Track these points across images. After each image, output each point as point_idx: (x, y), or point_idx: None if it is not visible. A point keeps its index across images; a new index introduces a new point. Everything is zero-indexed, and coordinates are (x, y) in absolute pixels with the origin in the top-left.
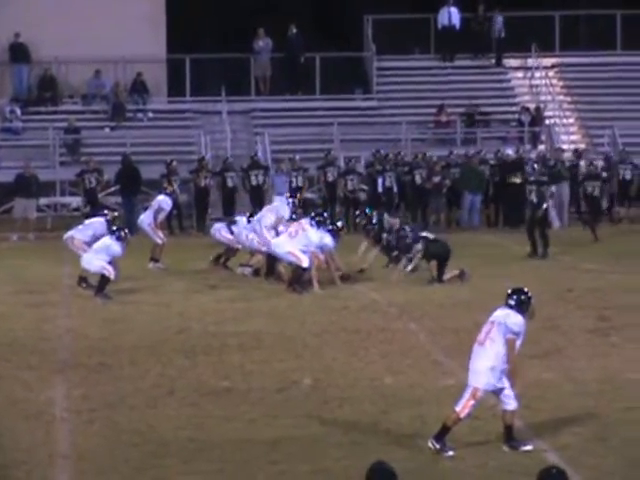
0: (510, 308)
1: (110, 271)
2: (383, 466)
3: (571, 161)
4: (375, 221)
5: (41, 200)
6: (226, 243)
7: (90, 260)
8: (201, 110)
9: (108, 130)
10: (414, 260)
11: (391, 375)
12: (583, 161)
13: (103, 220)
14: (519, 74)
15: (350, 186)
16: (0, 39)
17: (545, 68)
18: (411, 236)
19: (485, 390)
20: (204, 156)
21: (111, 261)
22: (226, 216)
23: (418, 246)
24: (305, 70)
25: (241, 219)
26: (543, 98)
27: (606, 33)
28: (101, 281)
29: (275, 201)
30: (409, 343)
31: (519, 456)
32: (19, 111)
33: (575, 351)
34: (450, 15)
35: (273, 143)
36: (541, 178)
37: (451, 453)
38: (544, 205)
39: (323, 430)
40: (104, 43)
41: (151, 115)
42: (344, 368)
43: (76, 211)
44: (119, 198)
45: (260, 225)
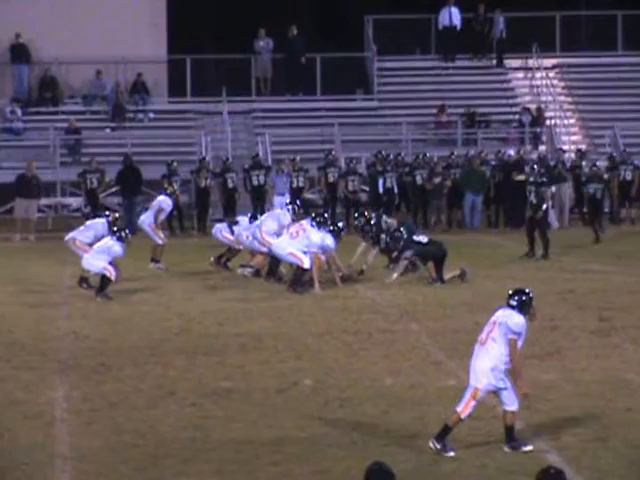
0: (511, 308)
1: (111, 272)
2: (381, 467)
3: (574, 162)
4: (373, 222)
5: (42, 201)
6: (227, 244)
7: (91, 261)
8: (202, 110)
9: (109, 131)
10: (400, 266)
11: (392, 376)
12: (584, 162)
13: (104, 221)
14: (520, 75)
15: (351, 187)
16: (1, 39)
17: (546, 69)
18: (403, 241)
19: (486, 390)
20: (205, 157)
21: (112, 262)
22: (227, 217)
23: (407, 253)
24: (306, 70)
25: (243, 219)
26: (544, 99)
27: (607, 34)
28: (102, 282)
29: (276, 201)
30: (410, 344)
31: (520, 457)
32: (20, 111)
33: (576, 352)
34: (451, 15)
35: (274, 144)
36: (540, 179)
37: (452, 454)
38: (543, 206)
39: (324, 431)
40: (105, 43)
41: (152, 116)
42: (345, 369)
43: (76, 212)
44: (120, 198)
45: (260, 231)
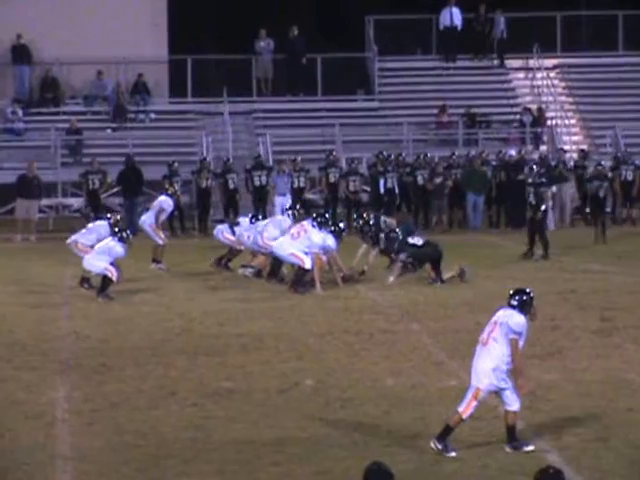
0: (512, 308)
1: (112, 272)
2: (380, 467)
3: (577, 162)
4: (372, 223)
5: (43, 201)
6: (229, 244)
7: (92, 261)
8: (203, 111)
9: (110, 131)
10: (395, 269)
11: (393, 376)
12: (587, 162)
13: (106, 224)
14: (521, 75)
15: (352, 187)
16: (2, 40)
17: (547, 69)
18: (398, 243)
19: (488, 391)
20: (205, 157)
21: (113, 262)
22: (228, 217)
23: (402, 256)
24: (307, 71)
25: (243, 220)
26: (545, 99)
27: (608, 34)
28: (103, 282)
29: (277, 202)
30: (411, 344)
31: (521, 457)
32: (21, 112)
33: (577, 352)
34: (452, 16)
35: (275, 144)
36: (539, 179)
37: (453, 454)
38: (542, 206)
39: (325, 431)
40: (106, 44)
41: (153, 116)
42: (346, 369)
43: (77, 212)
44: (121, 199)
45: (262, 237)
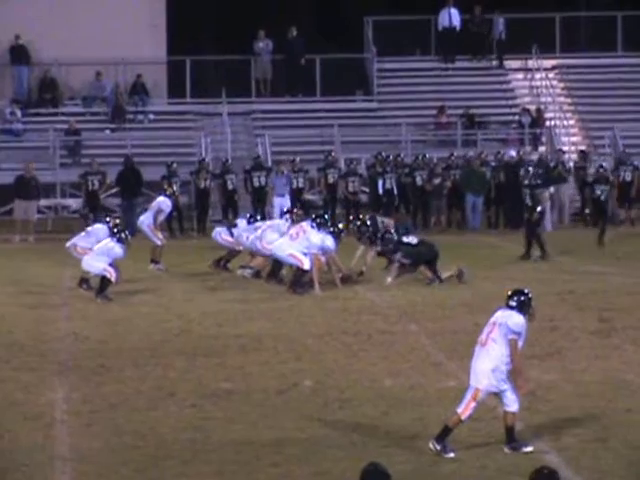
0: (511, 309)
1: (111, 273)
2: (377, 467)
3: (577, 163)
4: (369, 223)
5: (41, 202)
6: (227, 246)
7: (91, 262)
8: (201, 112)
9: (108, 132)
10: (392, 270)
11: (391, 377)
12: (587, 163)
13: (105, 227)
14: (519, 75)
15: (351, 188)
16: (0, 41)
17: (546, 70)
18: (393, 244)
19: (487, 392)
20: (204, 158)
21: (112, 263)
22: (226, 218)
23: (397, 255)
24: (306, 72)
25: (241, 221)
26: (543, 99)
27: (607, 34)
28: (102, 283)
29: (275, 203)
30: (409, 345)
31: (520, 458)
32: (19, 113)
33: (576, 352)
34: (450, 16)
35: (273, 145)
36: (535, 181)
37: (452, 455)
38: (538, 208)
39: (323, 432)
40: (104, 45)
41: (151, 117)
42: (344, 370)
43: (75, 213)
44: (120, 199)
45: (262, 242)
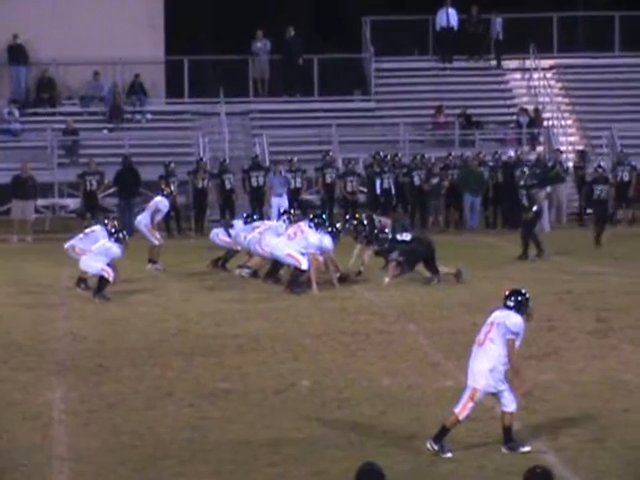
0: (509, 309)
1: (109, 273)
2: (372, 467)
3: (576, 163)
4: (366, 223)
5: (39, 201)
6: (225, 246)
7: (89, 262)
8: (199, 111)
9: (106, 132)
10: (389, 269)
11: (389, 377)
12: (586, 163)
13: (103, 229)
14: (517, 75)
15: (349, 188)
16: None
17: (543, 69)
18: (388, 243)
19: (484, 391)
20: (202, 157)
21: (110, 263)
22: (224, 218)
23: (394, 255)
24: (303, 71)
25: (238, 222)
26: (541, 99)
27: (604, 34)
28: (100, 283)
29: (273, 202)
30: (407, 345)
31: (517, 458)
32: (17, 112)
33: (573, 352)
34: (448, 16)
35: (271, 144)
36: (530, 182)
37: (449, 455)
38: (534, 207)
39: (321, 432)
40: (102, 44)
41: (149, 117)
42: (342, 370)
43: (73, 213)
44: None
45: (261, 246)
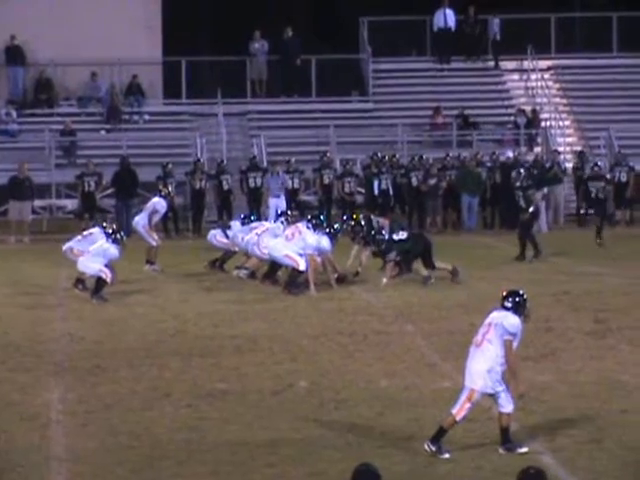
0: (506, 310)
1: (107, 274)
2: (368, 468)
3: (576, 163)
4: (364, 224)
5: (36, 202)
6: (223, 247)
7: (87, 263)
8: (197, 112)
9: (104, 132)
10: (387, 270)
11: (387, 377)
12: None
13: (101, 232)
14: (515, 76)
15: (347, 188)
16: None
17: (541, 70)
18: (385, 244)
19: (482, 392)
20: (199, 158)
21: (108, 264)
22: (222, 219)
23: (391, 255)
24: (301, 72)
25: (235, 223)
26: (539, 100)
27: (602, 35)
28: (97, 283)
29: (270, 203)
30: (405, 345)
31: (515, 458)
32: (15, 113)
33: (571, 353)
34: (446, 17)
35: (269, 145)
36: (526, 183)
37: (447, 455)
38: (530, 209)
39: (319, 433)
40: (100, 45)
41: (147, 117)
42: (340, 371)
43: (70, 214)
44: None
45: (259, 248)
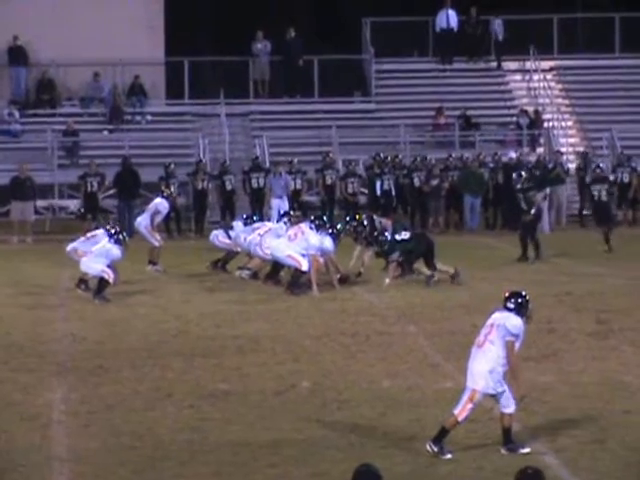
0: (508, 311)
1: (109, 274)
2: (369, 468)
3: (579, 164)
4: (366, 224)
5: (39, 202)
6: (225, 248)
7: (89, 264)
8: (199, 113)
9: (106, 133)
10: (390, 270)
11: (389, 378)
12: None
13: (105, 233)
14: (517, 77)
15: (351, 189)
16: None
17: (543, 71)
18: (388, 244)
19: (484, 393)
20: (201, 159)
21: (110, 265)
22: (224, 219)
23: (394, 255)
24: (304, 73)
25: (237, 223)
26: (541, 101)
27: (604, 36)
28: (100, 284)
29: (273, 204)
30: (407, 346)
31: (517, 459)
32: (17, 114)
33: (573, 354)
34: (448, 18)
35: (271, 146)
36: (527, 185)
37: (449, 456)
38: (532, 210)
39: (321, 433)
40: (102, 46)
41: (149, 118)
42: (342, 371)
43: (72, 214)
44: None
45: (262, 248)
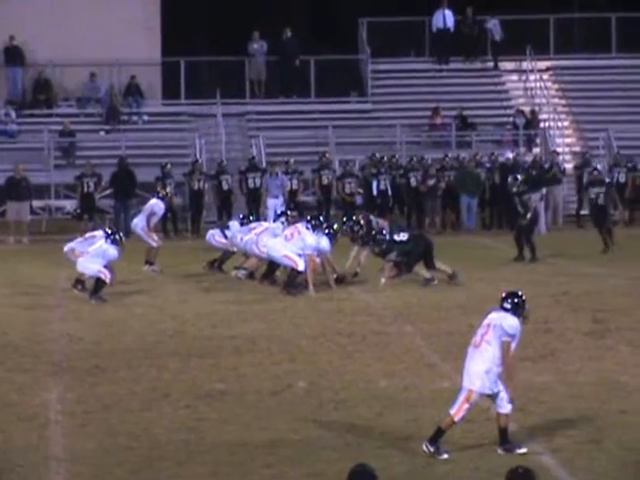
0: (505, 311)
1: (106, 275)
2: (364, 468)
3: (577, 165)
4: (363, 224)
5: (35, 203)
6: (222, 248)
7: (86, 264)
8: (196, 113)
9: (103, 133)
10: (386, 270)
11: (386, 378)
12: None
13: (102, 234)
14: (514, 77)
15: (347, 189)
16: None
17: (540, 71)
18: (386, 244)
19: (480, 393)
20: (197, 159)
21: (107, 265)
22: (221, 219)
23: (391, 255)
24: (300, 73)
25: (234, 223)
26: (538, 101)
27: (601, 36)
28: (96, 284)
29: (269, 204)
30: (404, 346)
31: (513, 459)
32: (14, 114)
33: (569, 354)
34: (445, 18)
35: (268, 146)
36: (522, 188)
37: (445, 456)
38: (528, 215)
39: (318, 433)
40: (99, 46)
41: (146, 118)
42: (339, 371)
43: (68, 215)
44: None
45: (258, 247)
